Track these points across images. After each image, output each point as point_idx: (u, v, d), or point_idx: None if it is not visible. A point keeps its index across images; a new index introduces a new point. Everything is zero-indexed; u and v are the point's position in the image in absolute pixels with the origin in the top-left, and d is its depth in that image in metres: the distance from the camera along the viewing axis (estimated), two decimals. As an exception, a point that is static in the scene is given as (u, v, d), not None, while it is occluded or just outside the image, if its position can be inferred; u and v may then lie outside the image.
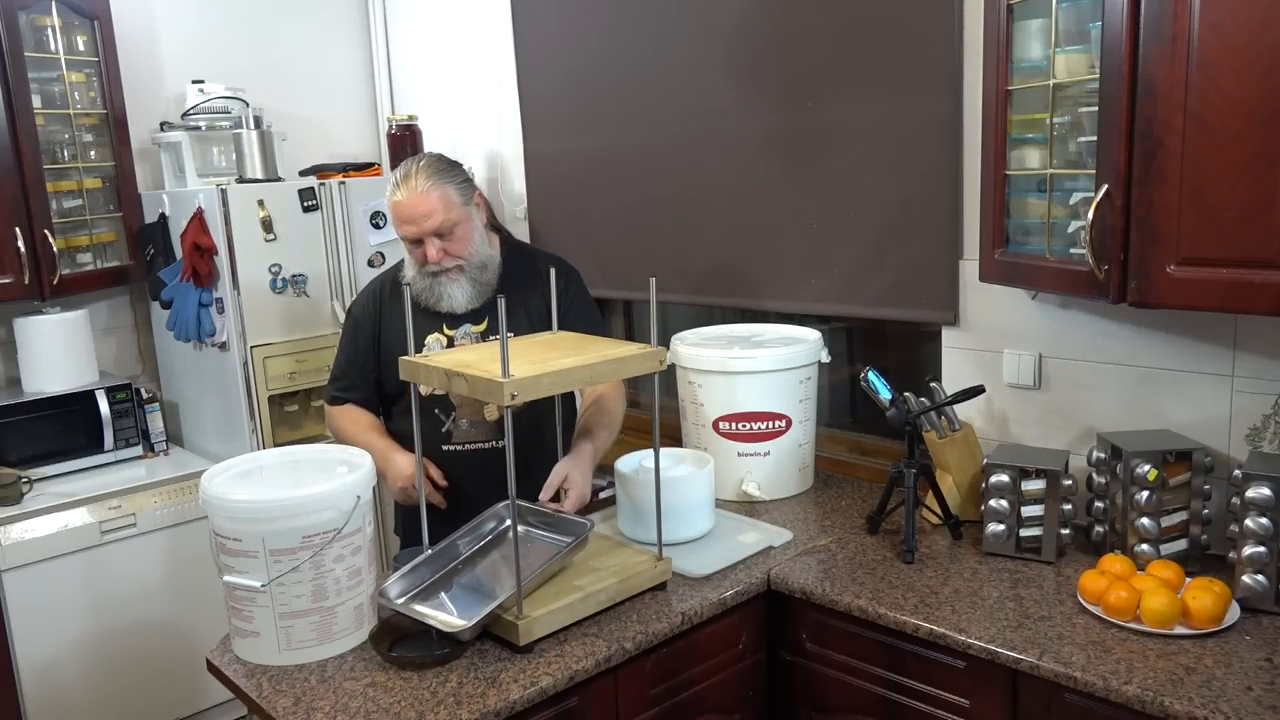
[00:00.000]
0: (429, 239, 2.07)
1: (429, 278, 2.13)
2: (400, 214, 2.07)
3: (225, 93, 3.29)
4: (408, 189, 2.05)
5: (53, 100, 3.01)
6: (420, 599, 1.80)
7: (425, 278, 2.13)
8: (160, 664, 2.93)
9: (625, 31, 2.97)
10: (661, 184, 2.96)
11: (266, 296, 2.99)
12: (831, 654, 1.96)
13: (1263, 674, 1.54)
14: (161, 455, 3.18)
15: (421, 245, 2.09)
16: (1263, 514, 1.71)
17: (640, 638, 1.76)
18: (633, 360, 1.81)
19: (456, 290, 2.14)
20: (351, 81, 3.87)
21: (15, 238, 2.83)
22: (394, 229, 2.14)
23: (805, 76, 2.56)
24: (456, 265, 2.12)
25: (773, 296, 2.75)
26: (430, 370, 1.77)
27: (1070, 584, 1.87)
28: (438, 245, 2.08)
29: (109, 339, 3.35)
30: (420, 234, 2.07)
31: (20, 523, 2.68)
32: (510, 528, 1.98)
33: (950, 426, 2.21)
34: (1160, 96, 1.61)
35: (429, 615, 1.73)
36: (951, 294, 2.36)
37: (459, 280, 2.14)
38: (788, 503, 2.41)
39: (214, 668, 1.76)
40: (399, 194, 2.06)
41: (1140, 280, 1.68)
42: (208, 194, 2.92)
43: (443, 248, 2.09)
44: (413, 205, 2.05)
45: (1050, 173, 1.89)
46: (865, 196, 2.49)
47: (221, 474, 1.80)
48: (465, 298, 2.15)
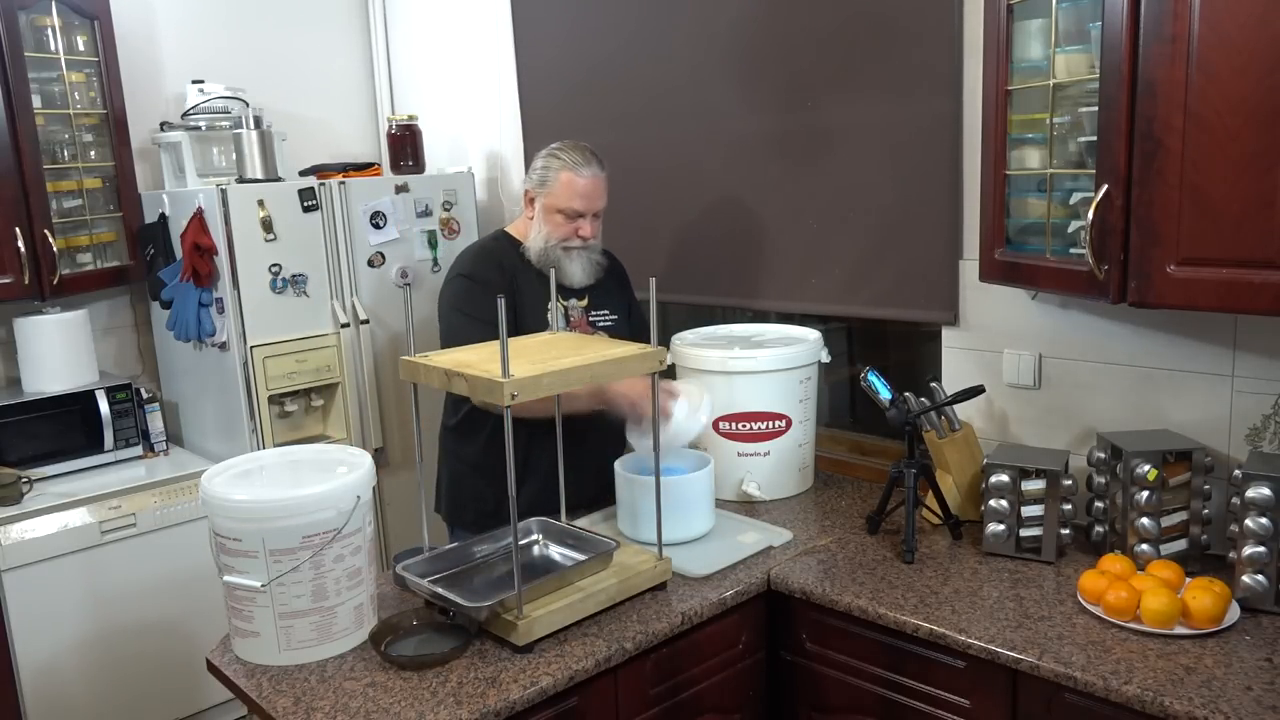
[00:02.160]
0: (589, 217, 2.33)
1: (560, 251, 2.33)
2: (579, 189, 2.30)
3: (225, 93, 3.29)
4: (591, 170, 2.32)
5: (53, 100, 3.01)
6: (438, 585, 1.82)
7: (556, 251, 2.33)
8: (160, 664, 2.93)
9: (625, 32, 2.98)
10: (661, 184, 2.96)
11: (266, 296, 2.99)
12: (831, 654, 1.96)
13: (1263, 674, 1.54)
14: (161, 455, 3.18)
15: (577, 220, 2.32)
16: (1263, 514, 1.71)
17: (640, 638, 1.76)
18: (633, 360, 1.82)
19: (577, 267, 2.36)
20: (351, 81, 3.87)
21: (15, 238, 2.83)
22: (558, 200, 2.31)
23: (805, 76, 2.56)
24: (592, 245, 2.37)
25: (773, 296, 2.75)
26: (430, 370, 1.77)
27: (1070, 584, 1.87)
28: (594, 224, 2.35)
29: (109, 339, 3.35)
30: (589, 210, 2.32)
31: (20, 523, 2.68)
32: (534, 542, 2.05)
33: (950, 426, 2.21)
34: (1160, 96, 1.61)
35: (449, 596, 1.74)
36: (951, 294, 2.36)
37: (584, 259, 2.36)
38: (788, 503, 2.41)
39: (214, 668, 1.76)
40: (582, 171, 2.31)
41: (1140, 280, 1.68)
42: (208, 194, 2.92)
43: (594, 228, 2.35)
44: (594, 184, 2.32)
45: (1050, 173, 1.89)
46: (865, 196, 2.49)
47: (221, 474, 1.80)
48: (582, 274, 2.37)
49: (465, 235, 3.38)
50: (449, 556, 1.93)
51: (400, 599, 1.93)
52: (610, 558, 1.89)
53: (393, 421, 3.31)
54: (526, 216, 2.39)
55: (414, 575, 1.83)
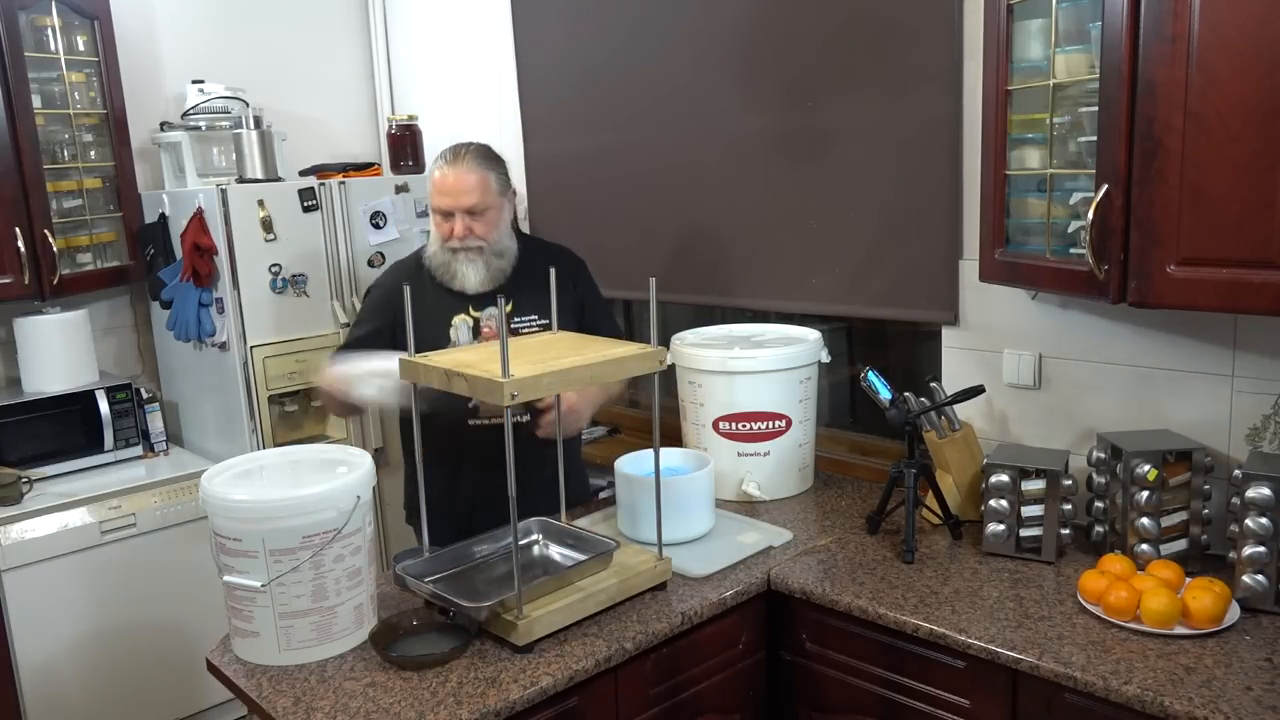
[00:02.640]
0: (460, 215, 2.21)
1: (448, 253, 2.25)
2: (442, 186, 2.21)
3: (225, 93, 3.29)
4: (455, 166, 2.22)
5: (53, 100, 3.01)
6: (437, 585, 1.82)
7: (444, 253, 2.25)
8: (160, 664, 2.93)
9: (625, 31, 2.98)
10: (662, 184, 2.96)
11: (266, 296, 2.99)
12: (831, 654, 1.96)
13: (1263, 674, 1.54)
14: (161, 455, 3.18)
15: (451, 219, 2.22)
16: (1263, 514, 1.71)
17: (640, 638, 1.76)
18: (633, 360, 1.82)
19: (471, 270, 2.25)
20: (351, 81, 3.87)
21: (15, 238, 2.83)
22: (431, 199, 2.25)
23: (805, 76, 2.56)
24: (477, 246, 2.24)
25: (773, 296, 2.75)
26: (430, 370, 1.77)
27: (1070, 584, 1.87)
28: (465, 222, 2.22)
29: (109, 339, 3.35)
30: (454, 207, 2.21)
31: (20, 523, 2.68)
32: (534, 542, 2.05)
33: (950, 426, 2.21)
34: (1160, 96, 1.61)
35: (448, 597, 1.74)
36: (951, 294, 2.36)
37: (475, 261, 2.25)
38: (788, 503, 2.41)
39: (214, 668, 1.76)
40: (446, 169, 2.22)
41: (1140, 280, 1.68)
42: (208, 194, 2.92)
43: (469, 225, 2.22)
44: (456, 180, 2.21)
45: (1050, 173, 1.89)
46: (865, 196, 2.49)
47: (221, 474, 1.80)
48: (478, 278, 2.25)
49: (465, 235, 3.38)
50: (449, 556, 1.93)
51: (400, 599, 1.93)
52: (610, 558, 1.89)
53: (393, 421, 3.31)
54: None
55: (414, 575, 1.83)
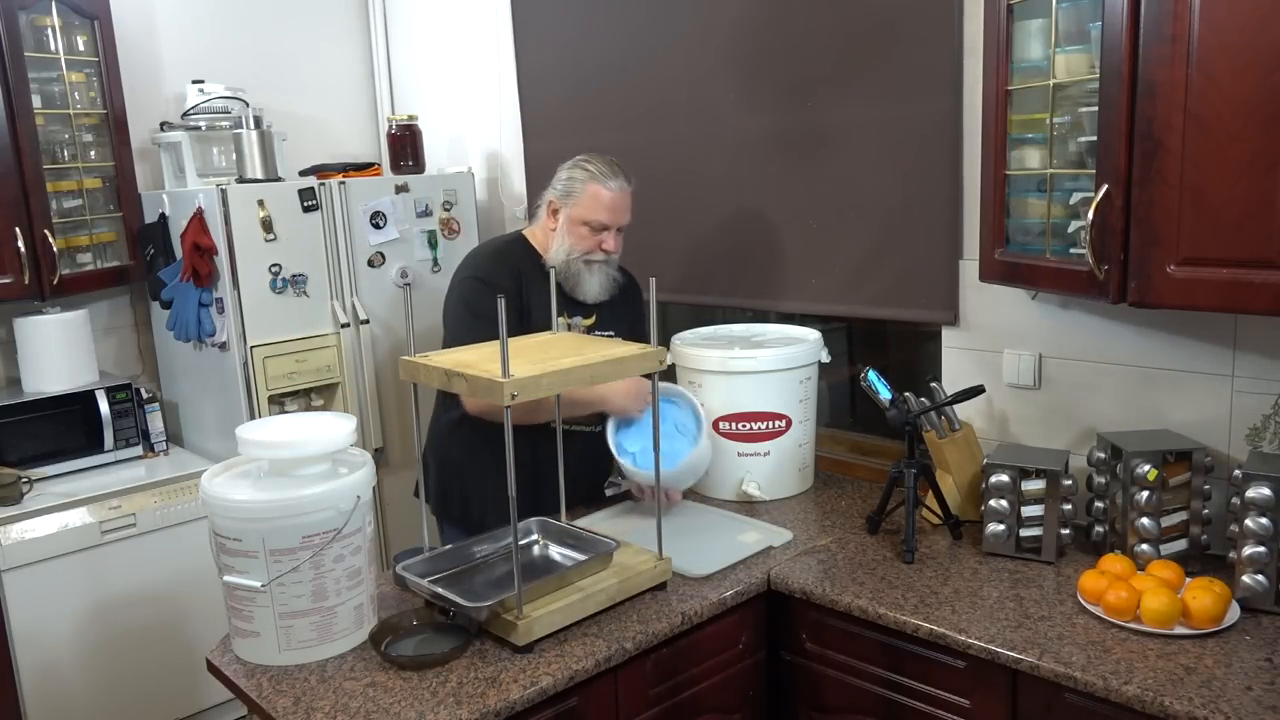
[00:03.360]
0: (613, 231, 2.31)
1: (580, 264, 2.30)
2: (605, 201, 2.28)
3: (225, 93, 3.29)
4: (617, 182, 2.30)
5: (53, 100, 3.01)
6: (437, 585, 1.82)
7: (577, 264, 2.30)
8: (160, 664, 2.93)
9: (625, 31, 2.98)
10: (662, 184, 2.96)
11: (266, 296, 2.99)
12: (831, 654, 1.96)
13: (1263, 674, 1.54)
14: (161, 455, 3.18)
15: (602, 233, 2.29)
16: (1263, 514, 1.71)
17: (640, 638, 1.76)
18: (633, 360, 1.82)
19: (596, 282, 2.33)
20: (351, 81, 3.87)
21: (15, 238, 2.83)
22: (585, 212, 2.29)
23: (805, 76, 2.56)
24: (613, 260, 2.35)
25: (773, 296, 2.75)
26: (430, 370, 1.77)
27: (1070, 584, 1.88)
28: (617, 240, 2.33)
29: (109, 339, 3.35)
30: (614, 224, 2.30)
31: (20, 523, 2.68)
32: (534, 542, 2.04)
33: (950, 426, 2.21)
34: (1160, 96, 1.61)
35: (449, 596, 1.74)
36: (951, 294, 2.36)
37: (603, 274, 2.34)
38: (788, 503, 2.41)
39: (214, 668, 1.76)
40: (609, 183, 2.29)
41: (1140, 280, 1.68)
42: (208, 194, 2.92)
43: (617, 242, 2.33)
44: (620, 197, 2.31)
45: (1050, 173, 1.89)
46: (865, 196, 2.49)
47: (221, 474, 1.80)
48: (599, 289, 2.34)
49: (465, 235, 3.38)
50: (449, 556, 1.93)
51: (400, 599, 1.93)
52: (610, 558, 1.89)
53: (393, 421, 3.31)
54: (548, 227, 2.34)
55: (414, 575, 1.83)
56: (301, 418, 1.95)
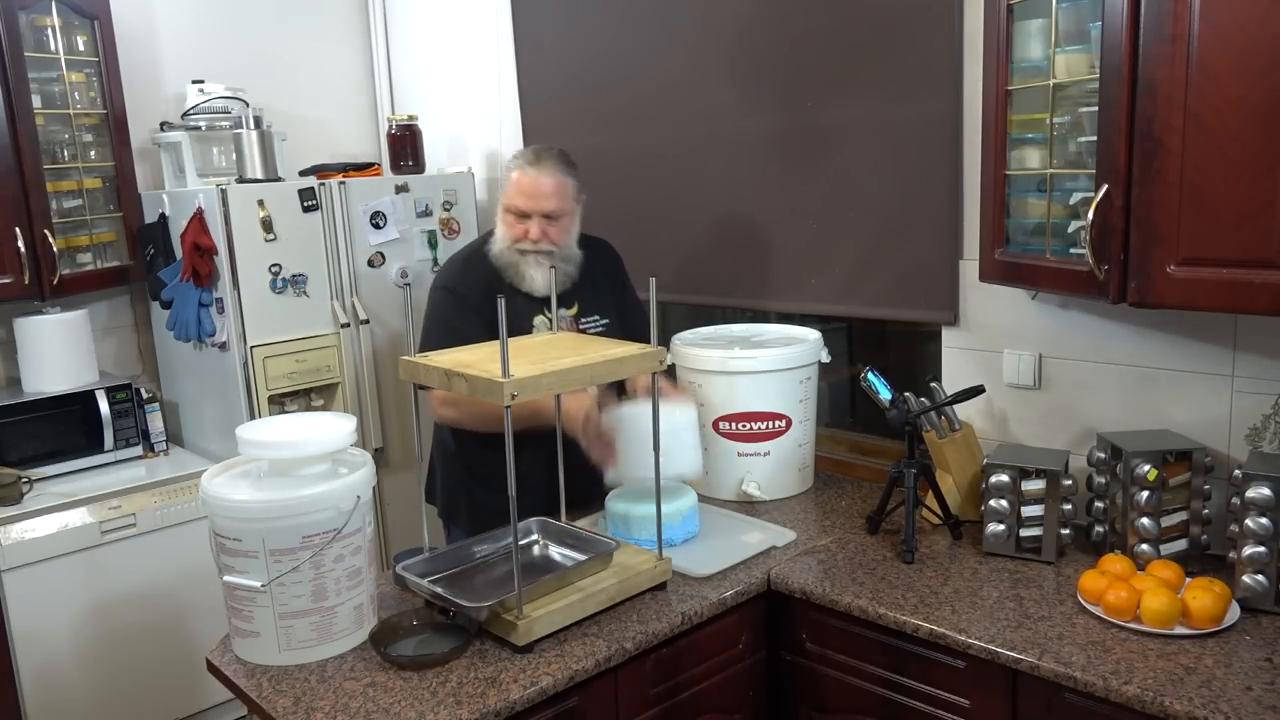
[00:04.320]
0: (537, 218, 2.24)
1: (516, 254, 2.27)
2: (524, 187, 2.24)
3: (225, 93, 3.29)
4: (538, 168, 2.24)
5: (53, 100, 3.01)
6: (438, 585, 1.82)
7: (512, 253, 2.27)
8: (160, 664, 2.93)
9: (625, 31, 2.97)
10: (661, 184, 2.96)
11: (266, 296, 2.99)
12: (831, 654, 1.96)
13: (1263, 674, 1.54)
14: (161, 455, 3.18)
15: (526, 221, 2.24)
16: (1263, 514, 1.71)
17: (640, 638, 1.76)
18: (633, 360, 1.82)
19: (539, 274, 2.26)
20: (351, 81, 3.87)
21: (15, 238, 2.83)
22: (507, 199, 2.26)
23: (805, 76, 2.56)
24: (548, 250, 2.26)
25: (773, 296, 2.75)
26: (431, 370, 1.77)
27: (1070, 584, 1.87)
28: (542, 226, 2.25)
29: (109, 339, 3.35)
30: (533, 209, 2.24)
31: (20, 523, 2.68)
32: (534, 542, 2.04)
33: (950, 426, 2.21)
34: (1160, 96, 1.61)
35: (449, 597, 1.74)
36: (951, 294, 2.36)
37: (543, 264, 2.25)
38: (788, 503, 2.41)
39: (214, 668, 1.76)
40: (528, 170, 2.24)
41: (1140, 280, 1.68)
42: (208, 194, 2.92)
43: (545, 230, 2.25)
44: (537, 182, 2.24)
45: (1050, 173, 1.89)
46: (865, 196, 2.49)
47: (221, 474, 1.80)
48: (545, 282, 2.24)
49: (465, 235, 3.38)
50: (449, 556, 1.93)
51: (400, 599, 1.93)
52: (610, 558, 1.89)
53: (393, 421, 3.31)
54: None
55: (414, 575, 1.83)
56: (301, 417, 1.95)
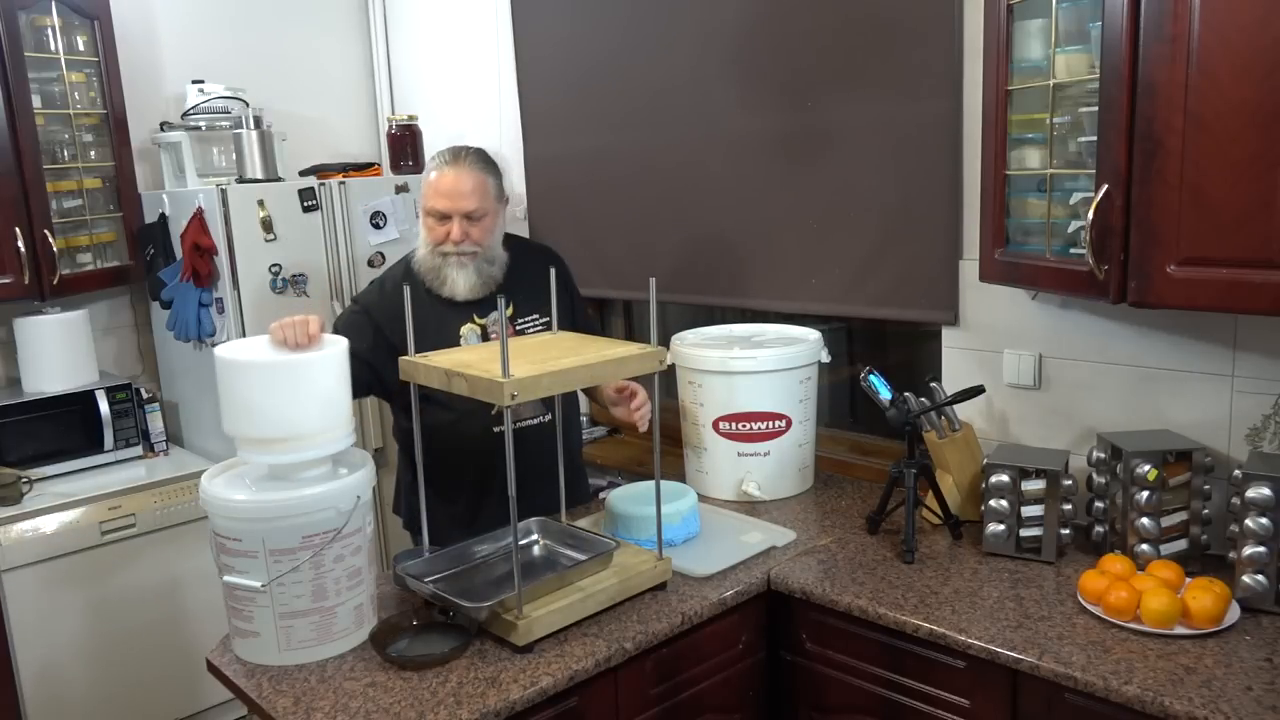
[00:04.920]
0: (458, 218, 2.14)
1: (439, 258, 2.18)
2: (441, 187, 2.14)
3: (225, 93, 3.29)
4: (456, 168, 2.14)
5: (53, 100, 3.01)
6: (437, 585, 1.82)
7: (435, 257, 2.18)
8: (160, 664, 2.93)
9: (625, 31, 2.97)
10: (661, 184, 2.96)
11: (266, 296, 2.99)
12: (831, 654, 1.96)
13: (1263, 674, 1.54)
14: (161, 455, 3.18)
15: (447, 222, 2.15)
16: (1263, 514, 1.71)
17: (640, 638, 1.76)
18: (633, 360, 1.82)
19: (461, 276, 2.18)
20: (351, 81, 3.87)
21: (15, 238, 2.83)
22: (426, 200, 2.18)
23: (805, 76, 2.56)
24: (472, 251, 2.18)
25: (773, 296, 2.75)
26: (430, 370, 1.77)
27: (1070, 584, 1.87)
28: (463, 227, 2.15)
29: (109, 339, 3.35)
30: (453, 210, 2.14)
31: (20, 523, 2.68)
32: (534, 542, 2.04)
33: (950, 426, 2.21)
34: (1160, 96, 1.61)
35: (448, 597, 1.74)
36: (951, 294, 2.36)
37: (467, 267, 2.18)
38: (788, 503, 2.41)
39: (214, 668, 1.76)
40: (446, 170, 2.14)
41: (1140, 280, 1.68)
42: (208, 194, 2.92)
43: (466, 230, 2.16)
44: (457, 182, 2.14)
45: (1050, 173, 1.89)
46: (865, 196, 2.49)
47: (221, 474, 1.80)
48: (468, 285, 2.19)
49: (465, 235, 3.38)
50: (449, 556, 1.93)
51: (400, 599, 1.93)
52: (610, 558, 1.89)
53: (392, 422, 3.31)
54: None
55: (414, 575, 1.83)
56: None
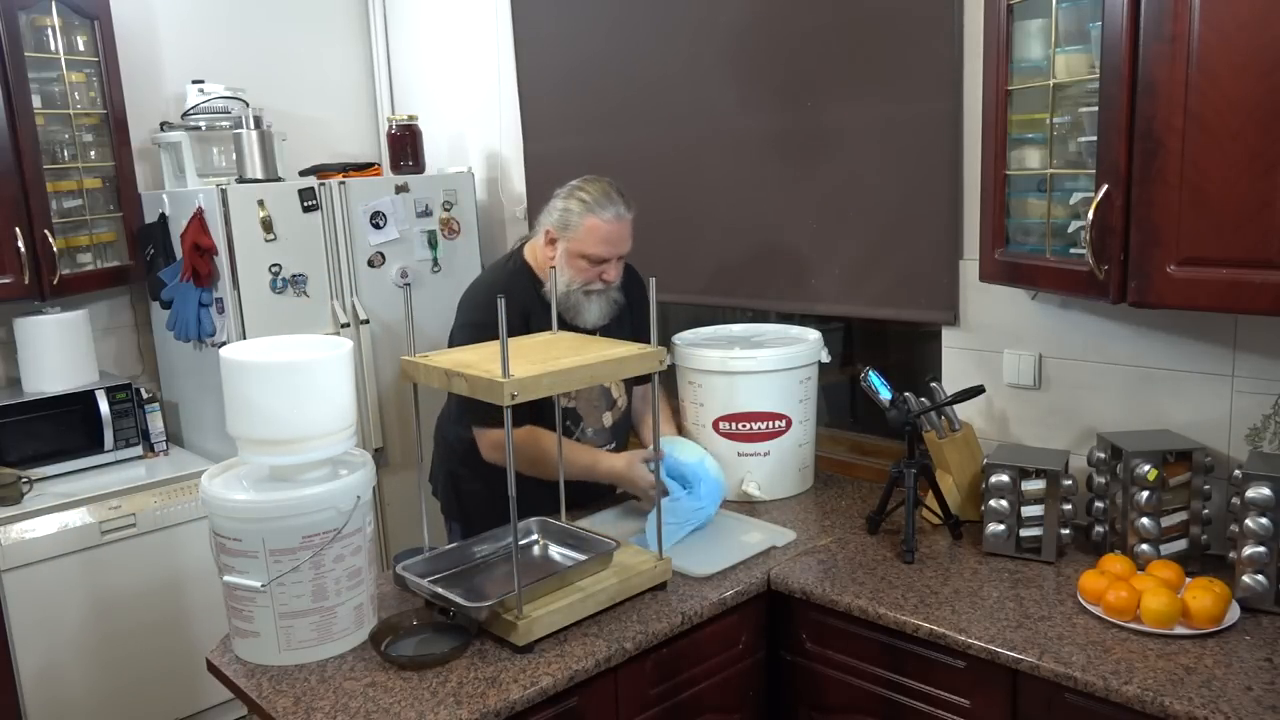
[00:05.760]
0: (614, 261, 2.22)
1: (581, 295, 2.23)
2: (607, 234, 2.18)
3: (225, 93, 3.29)
4: (615, 211, 2.19)
5: (53, 100, 3.01)
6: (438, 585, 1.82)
7: (578, 294, 2.22)
8: (160, 664, 2.93)
9: (625, 31, 2.98)
10: (662, 184, 2.96)
11: (266, 296, 2.99)
12: (831, 654, 1.96)
13: (1263, 674, 1.54)
14: (161, 455, 3.18)
15: (602, 265, 2.21)
16: (1263, 514, 1.71)
17: (640, 638, 1.76)
18: (633, 360, 1.82)
19: (596, 309, 2.26)
20: (351, 81, 3.87)
21: (15, 238, 2.83)
22: (583, 246, 2.19)
23: (805, 76, 2.56)
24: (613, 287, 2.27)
25: (773, 296, 2.75)
26: (430, 370, 1.77)
27: (1070, 584, 1.87)
28: (618, 269, 2.24)
29: (109, 339, 3.35)
30: (613, 255, 2.21)
31: (20, 523, 2.68)
32: (534, 542, 2.04)
33: (950, 426, 2.21)
34: (1160, 96, 1.61)
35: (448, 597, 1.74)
36: (951, 294, 2.36)
37: (604, 299, 2.26)
38: (788, 503, 2.41)
39: (214, 668, 1.76)
40: (605, 214, 2.17)
41: (1140, 280, 1.68)
42: (208, 194, 2.92)
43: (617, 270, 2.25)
44: (619, 228, 2.20)
45: (1050, 173, 1.89)
46: (865, 196, 2.49)
47: (221, 474, 1.80)
48: (600, 315, 2.27)
49: (465, 235, 3.38)
50: (449, 556, 1.93)
51: (400, 599, 1.93)
52: (610, 558, 1.89)
53: (393, 421, 3.31)
54: (546, 255, 2.24)
55: (414, 575, 1.83)
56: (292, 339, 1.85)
